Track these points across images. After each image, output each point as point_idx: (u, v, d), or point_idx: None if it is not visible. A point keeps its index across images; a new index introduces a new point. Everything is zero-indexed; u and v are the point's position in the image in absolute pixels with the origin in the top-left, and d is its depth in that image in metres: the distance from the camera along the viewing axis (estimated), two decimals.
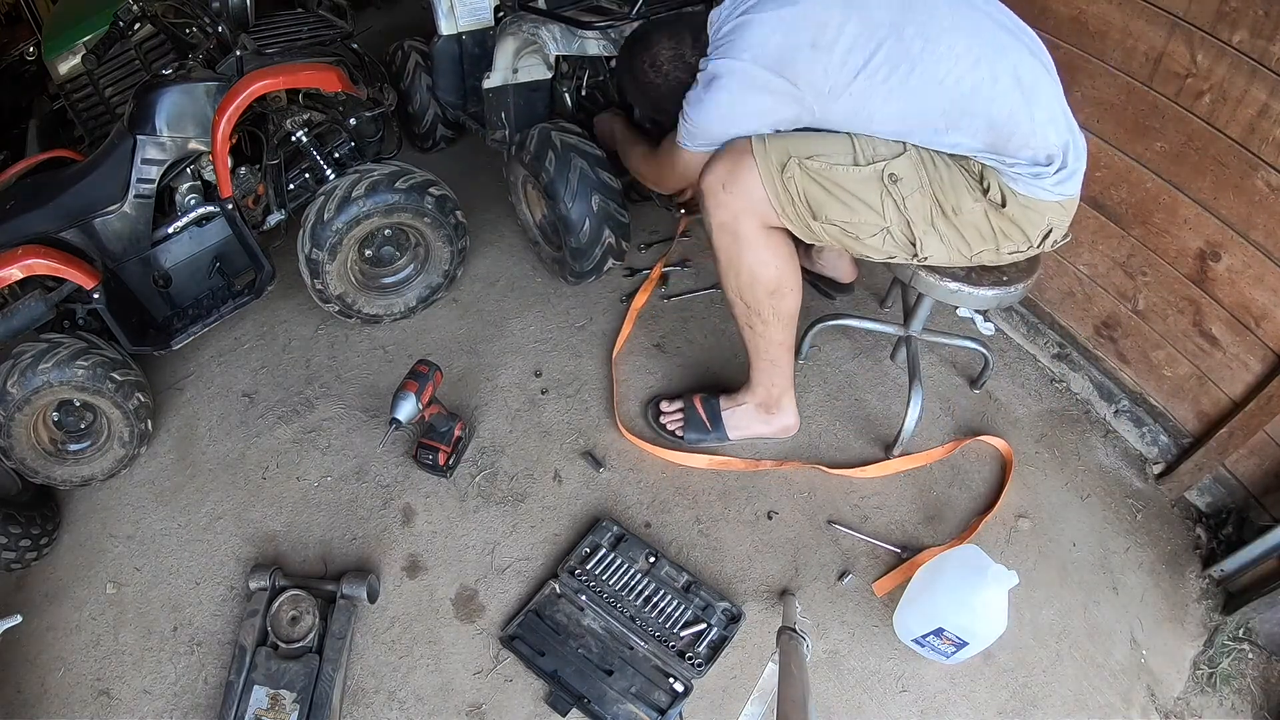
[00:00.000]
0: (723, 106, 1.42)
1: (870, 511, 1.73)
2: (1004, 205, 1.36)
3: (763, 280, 1.53)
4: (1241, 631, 1.57)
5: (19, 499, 1.71)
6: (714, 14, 1.44)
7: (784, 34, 1.33)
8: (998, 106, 1.30)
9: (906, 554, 1.65)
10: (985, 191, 1.37)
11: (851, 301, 2.13)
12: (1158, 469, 1.83)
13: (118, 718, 1.50)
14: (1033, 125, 1.31)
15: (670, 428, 1.83)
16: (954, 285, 1.50)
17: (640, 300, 2.11)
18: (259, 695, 1.43)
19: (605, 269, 2.06)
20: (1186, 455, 1.74)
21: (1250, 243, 1.48)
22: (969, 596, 1.33)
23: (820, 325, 1.93)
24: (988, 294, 1.51)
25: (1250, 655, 1.55)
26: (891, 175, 1.37)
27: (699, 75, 1.43)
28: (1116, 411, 1.89)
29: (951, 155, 1.37)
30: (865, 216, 1.41)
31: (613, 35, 1.87)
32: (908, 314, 1.80)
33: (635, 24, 1.82)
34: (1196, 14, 1.40)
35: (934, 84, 1.30)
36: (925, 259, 1.45)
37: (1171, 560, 1.69)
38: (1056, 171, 1.33)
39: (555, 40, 1.86)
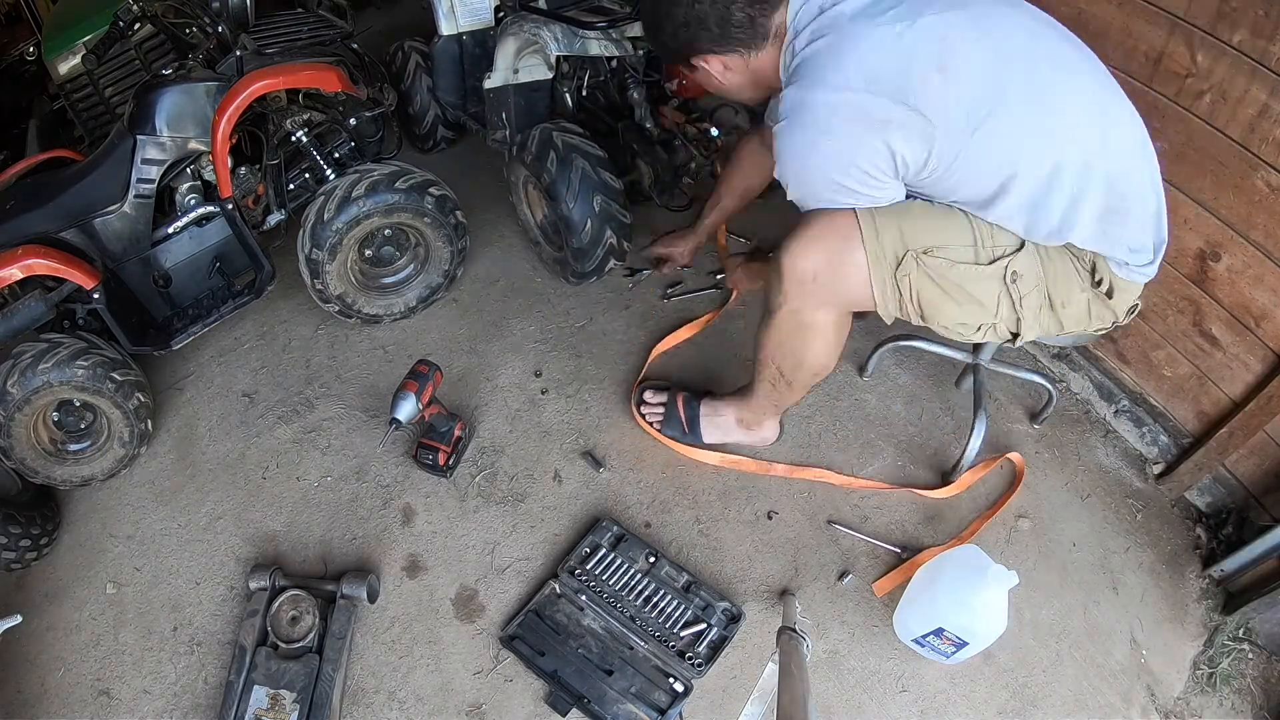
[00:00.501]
0: (830, 159, 1.17)
1: (870, 511, 1.73)
2: (1111, 295, 1.28)
3: (811, 367, 1.46)
4: (1241, 631, 1.57)
5: (19, 499, 1.71)
6: (795, 10, 1.22)
7: (901, 56, 1.11)
8: (1115, 162, 1.18)
9: (906, 554, 1.65)
10: (1097, 284, 1.27)
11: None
12: (1158, 469, 1.83)
13: (118, 718, 1.50)
14: (1143, 196, 1.21)
15: (649, 419, 1.84)
16: None
17: (709, 317, 2.09)
18: (259, 695, 1.43)
19: (607, 269, 2.06)
20: (1186, 455, 1.74)
21: (1250, 243, 1.48)
22: (969, 596, 1.33)
23: (890, 345, 1.89)
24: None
25: (1250, 655, 1.55)
26: (1014, 274, 1.24)
27: (783, 107, 1.20)
28: (1116, 411, 1.89)
29: (1062, 245, 1.26)
30: (975, 317, 1.29)
31: (614, 35, 1.87)
32: (977, 343, 1.74)
33: (637, 23, 1.82)
34: (1196, 14, 1.39)
35: (1067, 135, 1.16)
36: (1019, 344, 1.38)
37: (1171, 560, 1.69)
38: (1155, 251, 1.27)
39: (557, 40, 1.86)
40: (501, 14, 2.19)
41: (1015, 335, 1.33)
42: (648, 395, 1.86)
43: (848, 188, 1.21)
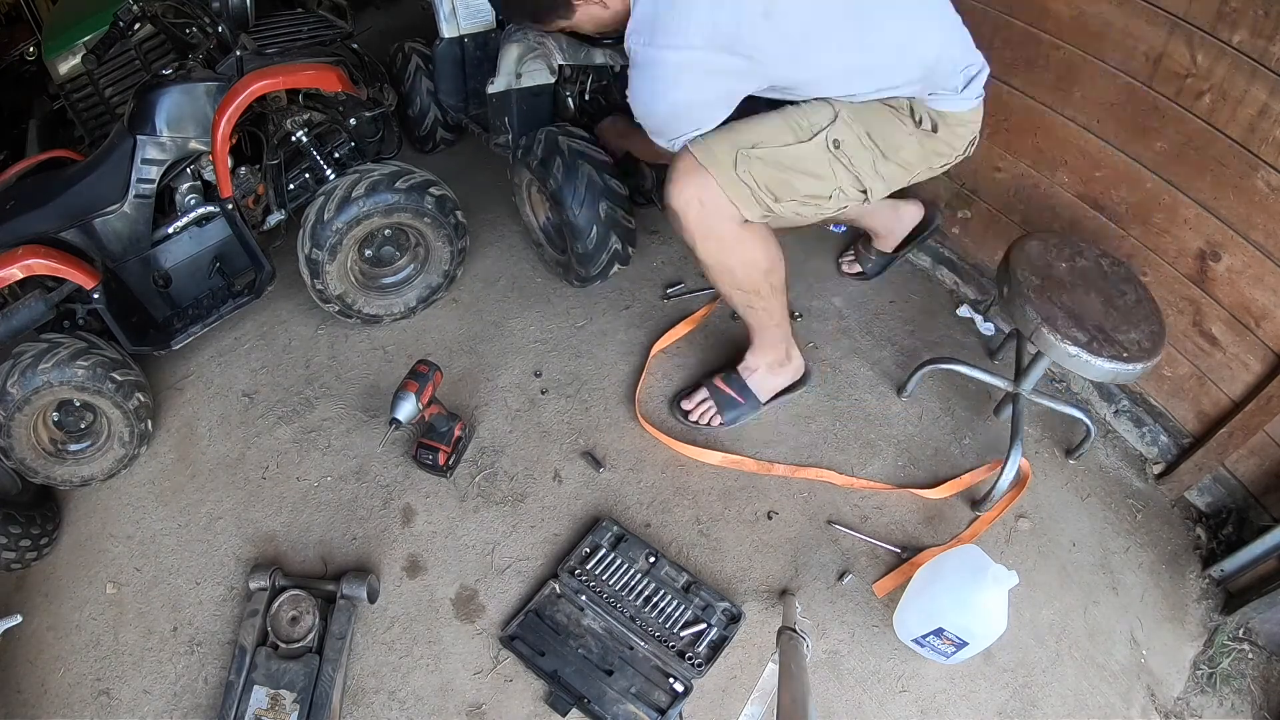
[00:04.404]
0: (681, 106, 1.40)
1: (870, 511, 1.73)
2: (935, 130, 1.46)
3: (756, 268, 1.58)
4: (1241, 631, 1.57)
5: (19, 499, 1.71)
6: None
7: (731, 8, 1.28)
8: (925, 48, 1.38)
9: (906, 554, 1.65)
10: (918, 124, 1.44)
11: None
12: (1158, 469, 1.83)
13: (118, 718, 1.50)
14: (954, 52, 1.42)
15: (704, 421, 1.84)
16: (1073, 350, 1.44)
17: (705, 310, 2.10)
18: (259, 695, 1.43)
19: (610, 274, 2.06)
20: (1186, 455, 1.74)
21: (1250, 243, 1.48)
22: (969, 596, 1.33)
23: (931, 367, 1.87)
24: (1105, 366, 1.44)
25: (1250, 655, 1.55)
26: (835, 141, 1.43)
27: (633, 61, 1.39)
28: (1116, 411, 1.89)
29: (880, 98, 1.44)
30: (821, 187, 1.47)
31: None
32: (1019, 371, 1.73)
33: None
34: (1196, 14, 1.40)
35: (878, 35, 1.36)
36: (874, 199, 1.53)
37: (1171, 560, 1.69)
38: (972, 79, 1.45)
39: (561, 50, 1.84)
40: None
41: (865, 193, 1.50)
42: (684, 404, 1.86)
43: (692, 120, 1.43)
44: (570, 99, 2.11)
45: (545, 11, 1.49)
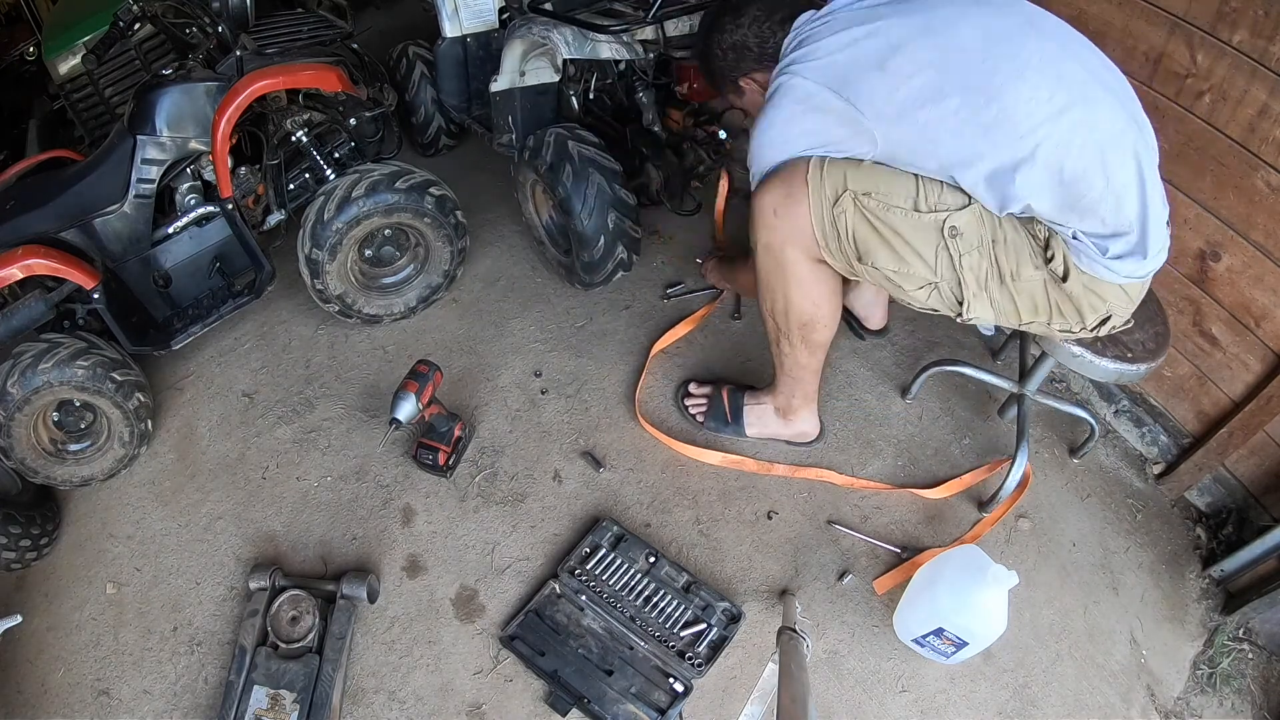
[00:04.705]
0: (776, 126, 1.36)
1: (870, 511, 1.73)
2: (1065, 279, 1.27)
3: (798, 312, 1.50)
4: (1241, 631, 1.57)
5: (19, 499, 1.71)
6: (797, 21, 1.38)
7: (852, 53, 1.26)
8: (1072, 161, 1.18)
9: (906, 554, 1.65)
10: (1048, 261, 1.28)
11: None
12: (1158, 469, 1.83)
13: (118, 718, 1.50)
14: (1106, 189, 1.19)
15: (692, 411, 1.85)
16: (1077, 350, 1.44)
17: (705, 310, 2.10)
18: (259, 695, 1.43)
19: (614, 279, 2.06)
20: (1186, 455, 1.74)
21: (1250, 243, 1.48)
22: (969, 596, 1.33)
23: (935, 369, 1.86)
24: (1109, 366, 1.44)
25: (1250, 655, 1.55)
26: (952, 228, 1.27)
27: (767, 95, 1.38)
28: (1116, 411, 1.89)
29: (1020, 215, 1.27)
30: (915, 268, 1.33)
31: (625, 39, 1.85)
32: (1024, 372, 1.72)
33: (649, 27, 1.80)
34: (1196, 14, 1.40)
35: (1009, 122, 1.19)
36: (969, 320, 1.37)
37: (1171, 560, 1.69)
38: (1125, 250, 1.23)
39: (567, 44, 1.83)
40: (506, 15, 2.18)
41: (961, 305, 1.35)
42: (692, 387, 1.88)
43: (774, 149, 1.39)
44: (575, 98, 2.10)
45: (722, 81, 1.55)
